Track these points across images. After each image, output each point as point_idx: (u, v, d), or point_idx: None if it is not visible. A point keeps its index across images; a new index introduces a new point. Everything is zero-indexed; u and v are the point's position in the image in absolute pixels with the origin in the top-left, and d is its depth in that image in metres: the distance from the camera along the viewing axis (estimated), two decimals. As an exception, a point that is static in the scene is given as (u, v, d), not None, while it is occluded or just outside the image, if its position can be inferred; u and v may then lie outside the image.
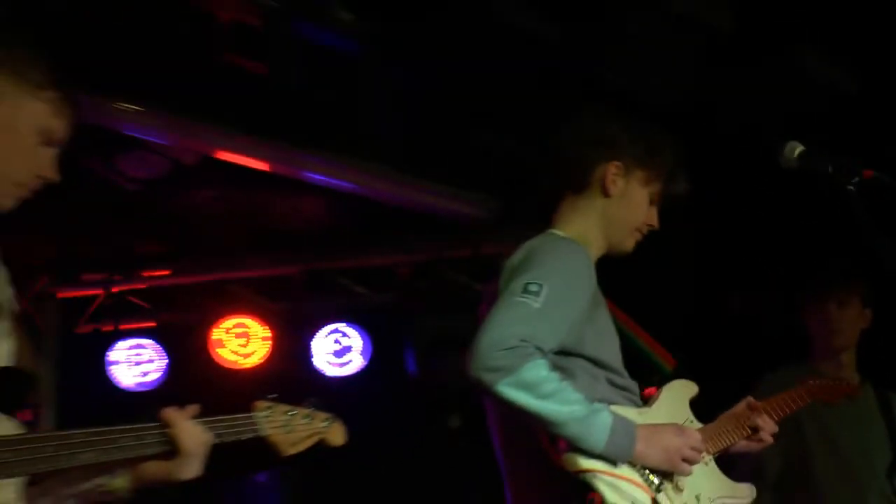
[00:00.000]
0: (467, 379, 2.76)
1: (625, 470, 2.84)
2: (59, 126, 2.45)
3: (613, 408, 2.90)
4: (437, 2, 4.60)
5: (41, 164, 2.44)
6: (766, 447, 4.34)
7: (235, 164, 5.64)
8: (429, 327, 6.61)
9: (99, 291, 7.25)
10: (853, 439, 4.40)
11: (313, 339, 7.16)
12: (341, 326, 7.17)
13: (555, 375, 2.76)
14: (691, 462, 2.97)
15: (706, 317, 6.27)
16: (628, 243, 3.26)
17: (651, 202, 3.27)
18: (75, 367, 7.18)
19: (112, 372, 7.14)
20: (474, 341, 2.77)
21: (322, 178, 5.86)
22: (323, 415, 2.70)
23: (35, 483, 2.28)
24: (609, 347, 3.09)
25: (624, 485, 2.81)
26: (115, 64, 4.81)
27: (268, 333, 7.13)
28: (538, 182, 3.35)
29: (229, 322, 7.15)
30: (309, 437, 2.64)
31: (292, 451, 2.60)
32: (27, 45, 2.43)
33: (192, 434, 2.39)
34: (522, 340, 2.74)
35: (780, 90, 5.03)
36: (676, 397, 3.23)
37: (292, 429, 2.61)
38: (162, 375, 7.18)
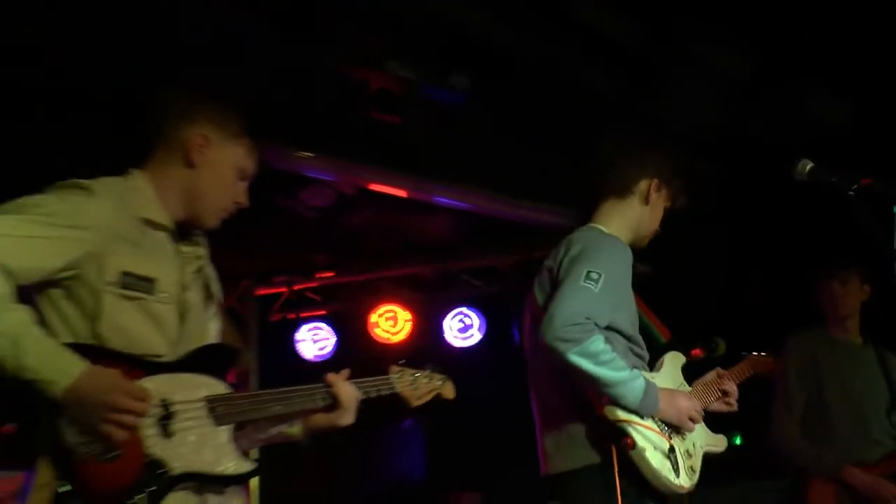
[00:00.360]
0: (542, 345, 2.77)
1: (648, 421, 2.85)
2: (250, 164, 2.49)
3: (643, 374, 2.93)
4: (525, 66, 4.61)
5: (238, 194, 2.48)
6: (793, 392, 4.31)
7: (383, 192, 5.74)
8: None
9: (284, 289, 7.32)
10: (861, 385, 4.31)
11: (444, 320, 7.18)
12: (464, 310, 7.18)
13: (608, 347, 2.77)
14: (695, 422, 3.00)
15: (734, 298, 6.18)
16: (645, 243, 3.24)
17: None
18: (270, 346, 7.35)
19: (298, 348, 7.24)
20: (549, 315, 2.75)
21: (446, 200, 5.87)
22: (439, 375, 2.75)
23: (238, 429, 2.34)
24: (634, 324, 3.05)
25: (648, 432, 2.83)
26: (296, 121, 4.87)
27: (409, 317, 7.16)
28: (584, 182, 3.28)
29: (381, 309, 7.18)
30: (429, 392, 2.69)
31: (417, 403, 2.65)
32: (229, 104, 2.49)
33: (347, 391, 2.45)
34: (587, 318, 2.73)
35: (784, 121, 4.94)
36: (673, 365, 3.21)
37: (417, 386, 2.66)
38: (333, 349, 7.23)
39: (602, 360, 2.73)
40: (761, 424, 4.39)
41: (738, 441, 6.28)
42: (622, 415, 2.79)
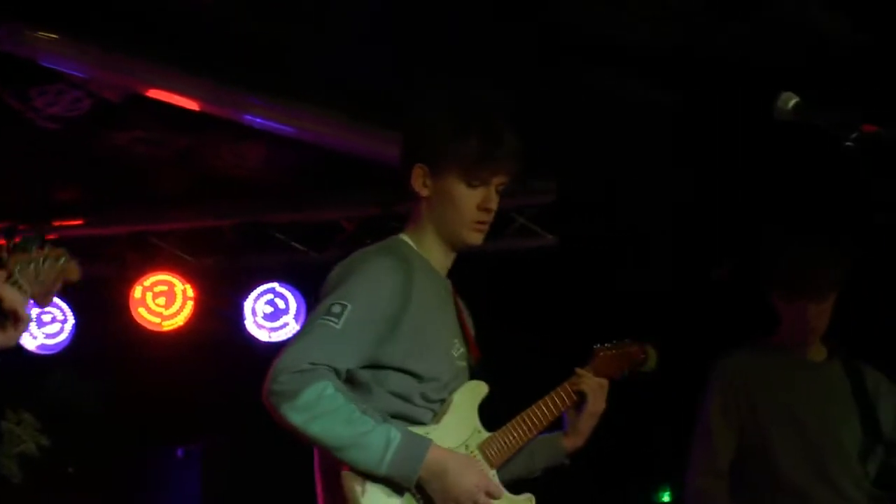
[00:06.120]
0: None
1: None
2: None
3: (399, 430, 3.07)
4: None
5: None
6: (718, 431, 4.45)
7: (166, 103, 5.70)
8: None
9: (2, 242, 7.14)
10: (821, 420, 4.42)
11: (245, 300, 7.19)
12: (276, 287, 7.23)
13: (333, 394, 2.98)
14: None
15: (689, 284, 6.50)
16: (469, 238, 3.38)
17: None
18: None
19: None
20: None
21: (262, 121, 5.93)
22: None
23: None
24: (432, 359, 3.25)
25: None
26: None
27: (192, 293, 7.15)
28: None
29: (150, 279, 7.11)
30: None
31: None
32: None
33: None
34: (311, 364, 2.97)
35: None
36: (466, 404, 3.35)
37: None
38: (69, 338, 7.19)
39: (316, 412, 2.95)
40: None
41: (666, 498, 6.52)
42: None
